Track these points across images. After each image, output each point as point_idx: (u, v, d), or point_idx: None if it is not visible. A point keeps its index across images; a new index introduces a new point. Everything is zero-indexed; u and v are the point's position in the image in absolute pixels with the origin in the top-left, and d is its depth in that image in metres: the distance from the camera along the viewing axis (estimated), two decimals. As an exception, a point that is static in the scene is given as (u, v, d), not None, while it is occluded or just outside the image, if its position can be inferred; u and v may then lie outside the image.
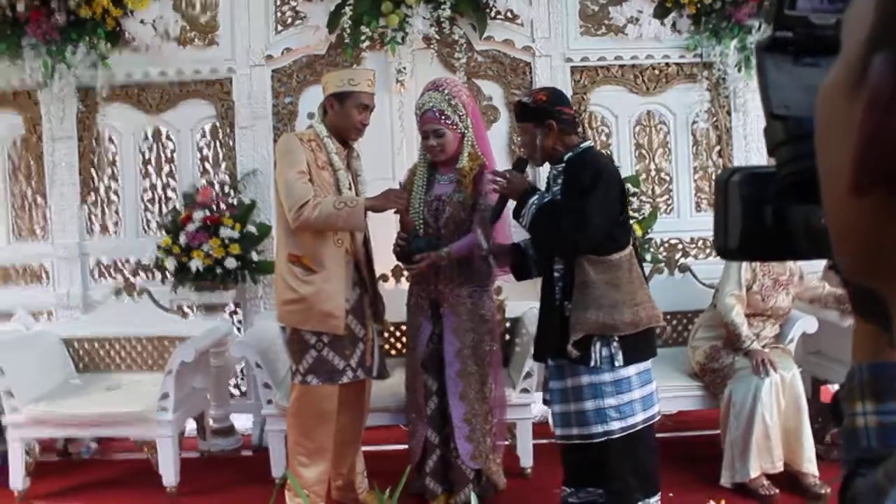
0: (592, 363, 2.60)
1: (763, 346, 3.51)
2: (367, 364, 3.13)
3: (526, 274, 2.89)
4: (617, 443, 2.65)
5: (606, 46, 4.69)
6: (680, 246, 4.78)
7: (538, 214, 2.59)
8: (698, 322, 3.85)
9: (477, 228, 2.92)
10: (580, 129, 2.74)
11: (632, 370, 2.64)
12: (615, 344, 2.59)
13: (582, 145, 2.69)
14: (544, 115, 2.64)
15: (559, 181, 2.67)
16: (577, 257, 2.60)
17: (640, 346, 2.67)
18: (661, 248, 4.72)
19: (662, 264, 4.33)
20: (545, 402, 2.88)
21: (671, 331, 4.22)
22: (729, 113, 4.75)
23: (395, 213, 3.02)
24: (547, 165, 2.82)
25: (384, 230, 4.06)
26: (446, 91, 3.00)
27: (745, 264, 3.62)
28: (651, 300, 2.69)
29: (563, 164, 2.68)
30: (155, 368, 4.11)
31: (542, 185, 2.97)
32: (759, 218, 0.58)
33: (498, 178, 2.72)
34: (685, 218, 4.78)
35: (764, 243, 0.59)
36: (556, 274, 2.68)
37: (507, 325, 4.06)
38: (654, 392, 2.76)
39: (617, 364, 2.60)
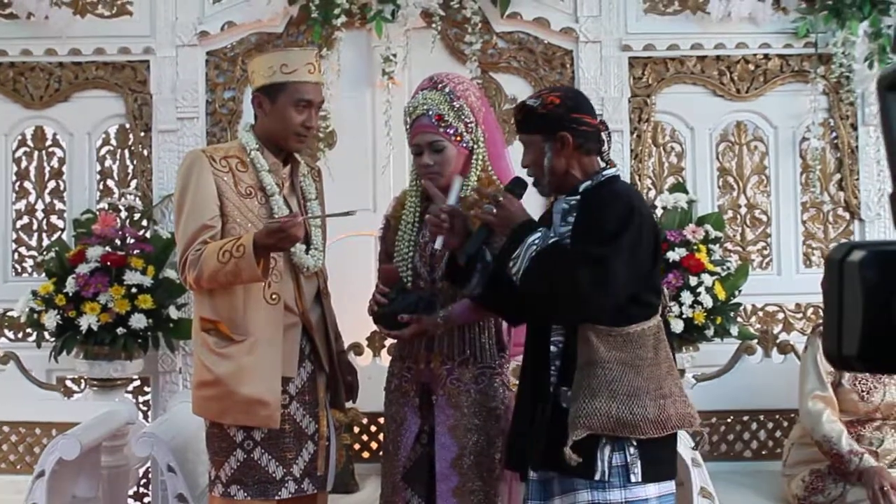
0: (598, 475, 2.58)
1: (888, 465, 3.58)
2: (317, 472, 3.15)
3: (464, 277, 2.87)
4: None
5: (680, 30, 4.85)
6: (780, 315, 4.88)
7: (539, 260, 2.59)
8: (791, 437, 3.92)
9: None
10: (606, 150, 2.77)
11: (652, 491, 2.63)
12: (632, 450, 2.59)
13: (605, 173, 2.73)
14: (556, 126, 2.67)
15: (569, 219, 2.70)
16: (582, 325, 2.62)
17: (665, 456, 2.68)
18: (753, 318, 4.82)
19: (755, 341, 4.40)
20: None
21: (765, 437, 4.28)
22: (855, 127, 4.90)
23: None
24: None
25: (358, 276, 4.15)
26: (448, 89, 3.07)
27: (821, 351, 3.69)
28: (683, 393, 2.70)
29: (578, 197, 2.71)
30: (20, 468, 4.15)
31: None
32: (888, 315, 0.60)
33: (484, 200, 2.74)
34: (789, 276, 4.89)
35: (895, 350, 0.61)
36: (552, 348, 2.70)
37: (530, 422, 4.13)
38: None
39: (633, 479, 2.59)
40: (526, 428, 2.76)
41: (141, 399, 4.86)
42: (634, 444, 2.58)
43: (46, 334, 4.40)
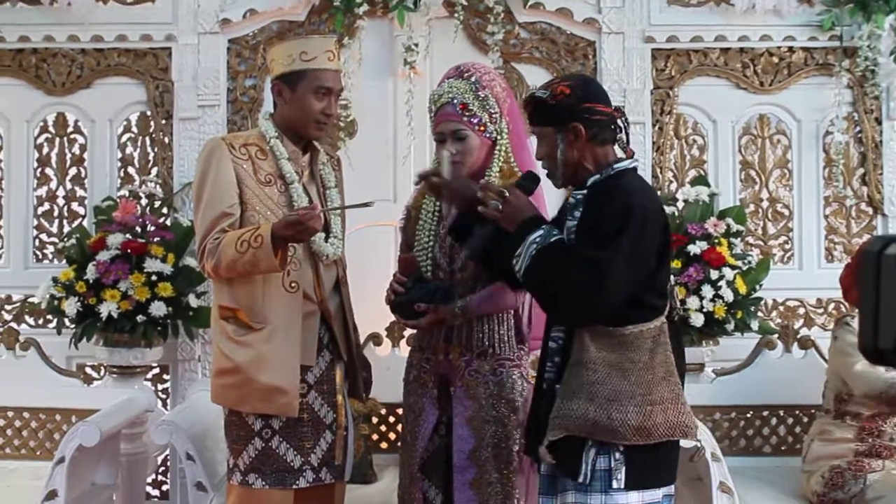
0: (581, 478, 2.55)
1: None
2: (335, 462, 3.16)
3: (491, 262, 2.84)
4: None
5: (704, 22, 4.82)
6: (801, 310, 4.86)
7: (539, 259, 2.55)
8: (811, 433, 3.89)
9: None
10: (623, 138, 2.68)
11: (634, 498, 2.58)
12: (617, 455, 2.54)
13: (616, 166, 2.66)
14: (567, 117, 2.62)
15: (575, 214, 2.65)
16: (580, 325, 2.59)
17: (653, 464, 2.61)
18: (774, 313, 4.80)
19: (775, 336, 4.39)
20: None
21: (785, 432, 4.25)
22: (879, 121, 4.87)
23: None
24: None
25: (378, 266, 4.14)
26: (474, 78, 3.08)
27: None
28: (680, 401, 2.62)
29: (585, 191, 2.65)
30: (40, 454, 4.18)
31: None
32: None
33: (490, 196, 2.69)
34: (810, 270, 4.86)
35: None
36: (552, 344, 2.69)
37: (548, 414, 4.12)
38: None
39: (615, 484, 2.55)
40: (532, 421, 2.77)
41: (160, 387, 4.88)
42: (621, 449, 2.54)
43: (67, 321, 4.41)
